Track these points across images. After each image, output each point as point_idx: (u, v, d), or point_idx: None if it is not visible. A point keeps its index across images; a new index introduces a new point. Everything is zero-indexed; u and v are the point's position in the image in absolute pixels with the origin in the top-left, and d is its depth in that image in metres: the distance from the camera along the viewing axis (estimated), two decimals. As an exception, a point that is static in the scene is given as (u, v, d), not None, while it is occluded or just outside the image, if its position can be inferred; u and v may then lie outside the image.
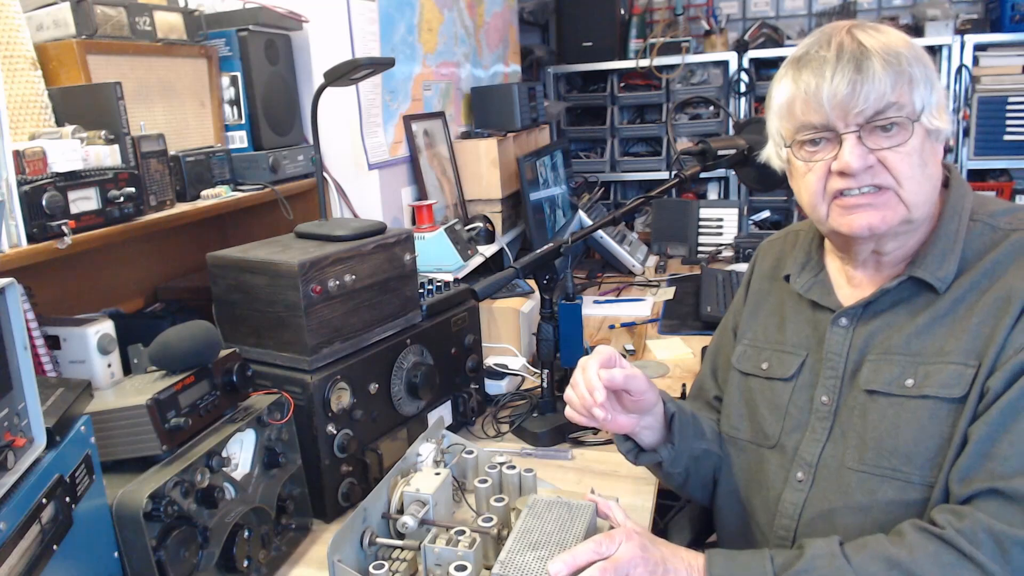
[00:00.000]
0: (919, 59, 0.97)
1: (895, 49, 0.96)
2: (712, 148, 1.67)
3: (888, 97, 0.95)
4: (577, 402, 1.06)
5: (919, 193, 0.98)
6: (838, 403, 1.05)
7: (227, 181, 1.59)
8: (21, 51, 1.26)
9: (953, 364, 0.95)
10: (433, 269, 2.00)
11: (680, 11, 3.67)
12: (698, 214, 3.10)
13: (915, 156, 0.96)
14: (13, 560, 0.72)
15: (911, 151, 0.96)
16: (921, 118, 0.96)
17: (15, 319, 0.75)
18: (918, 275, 1.00)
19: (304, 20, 1.84)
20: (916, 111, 0.96)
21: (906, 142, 0.96)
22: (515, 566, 0.93)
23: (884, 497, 0.97)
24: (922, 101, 0.96)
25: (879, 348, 1.02)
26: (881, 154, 0.96)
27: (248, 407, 1.16)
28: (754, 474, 1.14)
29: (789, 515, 1.06)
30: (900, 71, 0.95)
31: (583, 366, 1.06)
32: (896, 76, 0.95)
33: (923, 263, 1.00)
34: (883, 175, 0.97)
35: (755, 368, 1.17)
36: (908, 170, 0.96)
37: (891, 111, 0.95)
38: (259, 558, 1.10)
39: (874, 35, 0.97)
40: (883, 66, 0.94)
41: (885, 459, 0.98)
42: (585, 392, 1.04)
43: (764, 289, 1.24)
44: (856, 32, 0.98)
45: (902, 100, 0.95)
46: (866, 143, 0.97)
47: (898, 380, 0.99)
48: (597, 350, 1.08)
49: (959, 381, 0.94)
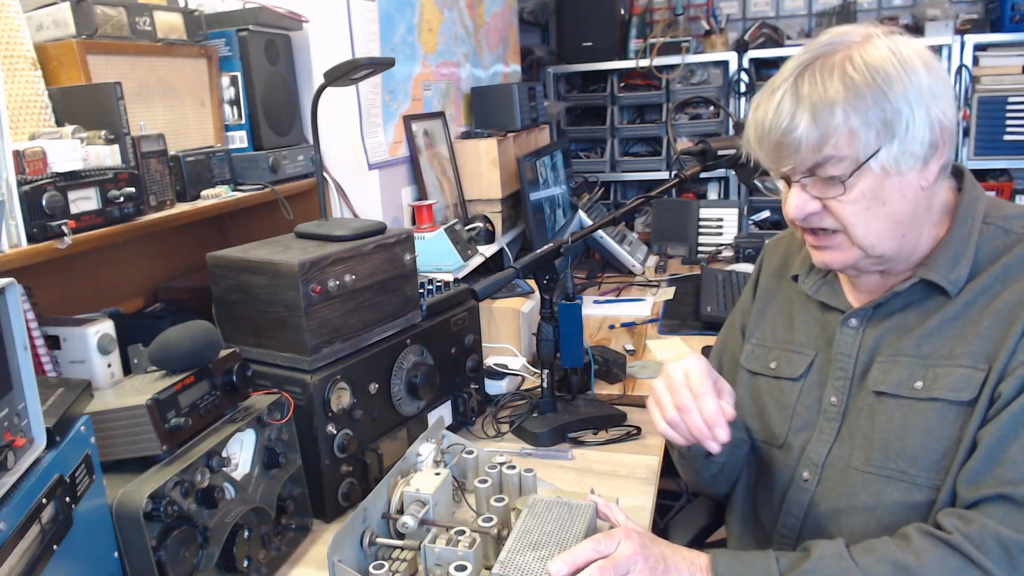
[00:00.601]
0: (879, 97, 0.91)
1: (831, 102, 0.91)
2: (712, 148, 1.67)
3: (817, 154, 0.93)
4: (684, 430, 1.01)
5: (870, 235, 0.97)
6: (847, 404, 1.05)
7: (227, 181, 1.59)
8: (21, 51, 1.26)
9: (963, 367, 0.95)
10: (433, 269, 2.00)
11: (680, 11, 3.67)
12: (698, 214, 3.10)
13: (862, 202, 0.95)
14: (13, 560, 0.72)
15: (856, 198, 0.95)
16: (870, 164, 0.93)
17: (15, 319, 0.75)
18: (929, 277, 1.00)
19: (304, 20, 1.84)
20: (860, 159, 0.93)
21: (850, 191, 0.95)
22: (515, 566, 0.93)
23: (889, 498, 0.97)
24: (872, 147, 0.92)
25: (889, 350, 1.02)
26: (826, 201, 0.97)
27: (248, 407, 1.16)
28: (761, 473, 1.14)
29: (794, 515, 1.06)
30: (831, 127, 0.92)
31: (695, 393, 1.00)
32: (824, 132, 0.92)
33: (935, 266, 1.00)
34: (829, 219, 0.98)
35: (763, 367, 1.17)
36: (853, 217, 0.96)
37: (828, 165, 0.94)
38: (259, 558, 1.10)
39: (820, 82, 0.93)
40: (811, 123, 0.92)
41: (892, 461, 0.97)
42: (702, 426, 0.99)
43: (772, 288, 1.24)
44: (803, 78, 0.94)
45: (839, 153, 0.93)
46: (808, 191, 0.97)
47: (907, 382, 0.98)
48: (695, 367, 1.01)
49: (968, 384, 0.94)
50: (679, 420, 1.01)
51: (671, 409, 1.02)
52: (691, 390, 1.01)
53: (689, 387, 1.01)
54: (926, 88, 0.92)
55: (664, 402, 1.03)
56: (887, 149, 0.92)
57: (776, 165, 0.99)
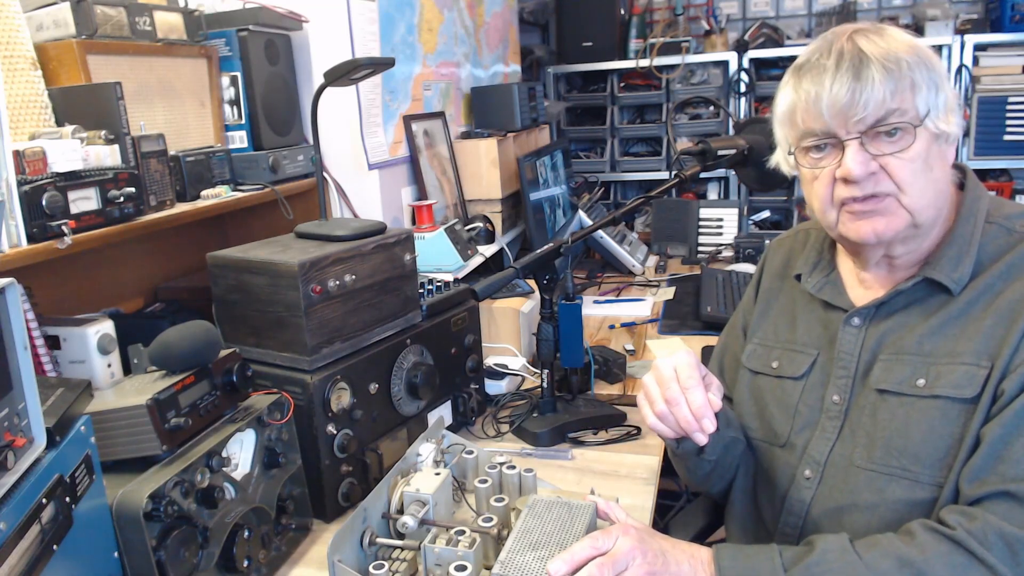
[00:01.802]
0: (924, 63, 0.96)
1: (896, 55, 0.95)
2: (712, 148, 1.67)
3: (888, 103, 0.95)
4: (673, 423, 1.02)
5: (922, 198, 0.98)
6: (849, 402, 1.05)
7: (227, 181, 1.59)
8: (21, 51, 1.26)
9: (965, 365, 0.95)
10: (433, 269, 2.00)
11: (680, 11, 3.67)
12: (698, 214, 3.10)
13: (919, 162, 0.96)
14: (13, 560, 0.72)
15: (914, 156, 0.96)
16: (925, 122, 0.96)
17: (15, 319, 0.75)
18: (933, 276, 1.00)
19: (304, 20, 1.84)
20: (919, 116, 0.95)
21: (909, 147, 0.96)
22: (515, 566, 0.93)
23: (892, 496, 0.97)
24: (926, 105, 0.96)
25: (891, 348, 1.02)
26: (884, 160, 0.97)
27: (248, 407, 1.16)
28: (763, 472, 1.15)
29: (796, 513, 1.07)
30: (900, 77, 0.94)
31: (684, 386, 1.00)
32: (896, 82, 0.94)
33: (938, 264, 1.00)
34: (885, 182, 0.97)
35: (765, 367, 1.17)
36: (910, 176, 0.96)
37: (892, 117, 0.95)
38: (259, 558, 1.10)
39: (876, 40, 0.96)
40: (882, 73, 0.94)
41: (894, 458, 0.98)
42: (690, 418, 1.00)
43: (774, 288, 1.24)
44: (857, 38, 0.97)
45: (904, 106, 0.95)
46: (868, 149, 0.97)
47: (909, 380, 0.99)
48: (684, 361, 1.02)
49: (971, 382, 0.94)
50: (667, 413, 1.02)
51: (660, 402, 1.03)
52: (680, 383, 1.01)
53: (678, 380, 1.01)
54: (942, 72, 0.98)
55: (653, 395, 1.04)
56: (935, 112, 0.96)
57: (833, 129, 0.98)
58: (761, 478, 1.15)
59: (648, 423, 1.05)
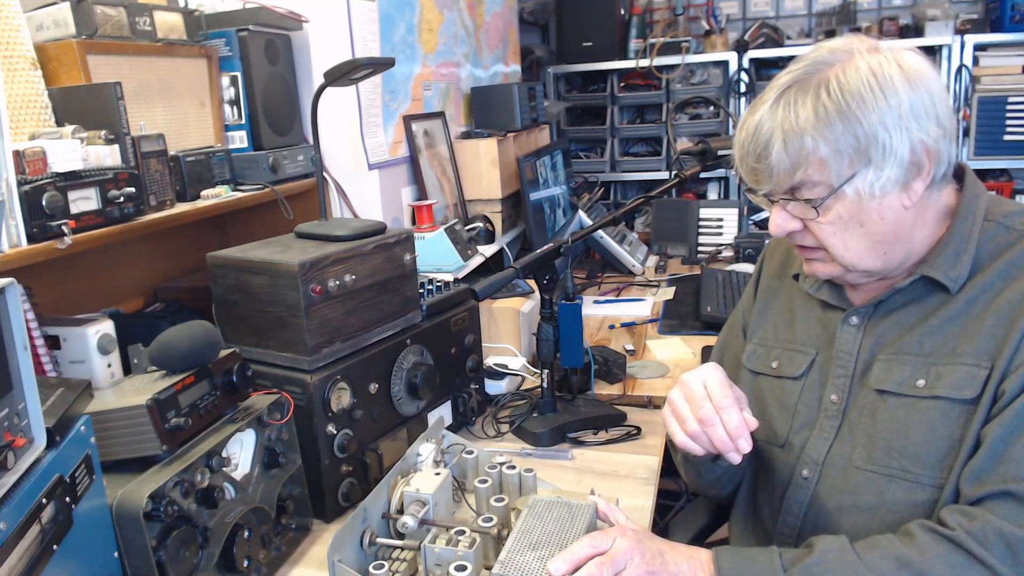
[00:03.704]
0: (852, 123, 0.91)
1: (801, 131, 0.93)
2: (712, 148, 1.67)
3: (794, 178, 0.96)
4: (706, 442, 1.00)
5: (850, 254, 0.99)
6: (847, 402, 1.05)
7: (227, 181, 1.59)
8: (21, 51, 1.26)
9: (965, 365, 0.95)
10: (433, 269, 2.00)
11: (680, 11, 3.67)
12: (698, 214, 3.10)
13: (838, 224, 0.98)
14: (13, 560, 0.72)
15: (832, 220, 0.98)
16: (845, 188, 0.94)
17: (15, 319, 0.75)
18: (930, 275, 1.00)
19: (304, 20, 1.84)
20: (834, 184, 0.95)
21: (827, 212, 0.97)
22: (515, 566, 0.93)
23: (892, 497, 0.97)
24: (846, 173, 0.94)
25: (890, 348, 1.02)
26: (805, 221, 1.00)
27: (248, 407, 1.16)
28: (762, 472, 1.15)
29: (794, 513, 1.06)
30: (802, 155, 0.94)
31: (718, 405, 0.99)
32: (796, 160, 0.94)
33: (936, 263, 1.00)
34: (809, 238, 1.02)
35: (765, 367, 1.18)
36: (830, 238, 0.99)
37: (803, 189, 0.97)
38: (259, 558, 1.10)
39: (792, 109, 0.94)
40: (783, 150, 0.94)
41: (894, 459, 0.98)
42: (725, 438, 0.98)
43: (773, 288, 1.24)
44: (777, 105, 0.95)
45: (812, 179, 0.95)
46: (789, 211, 1.00)
47: (909, 380, 0.99)
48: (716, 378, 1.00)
49: (971, 382, 0.94)
50: (700, 432, 1.00)
51: (692, 421, 1.00)
52: (713, 402, 0.99)
53: (710, 398, 1.00)
54: (906, 109, 0.92)
55: (684, 414, 1.02)
56: (862, 175, 0.94)
57: (755, 186, 1.01)
58: (761, 478, 1.15)
59: (677, 440, 1.03)
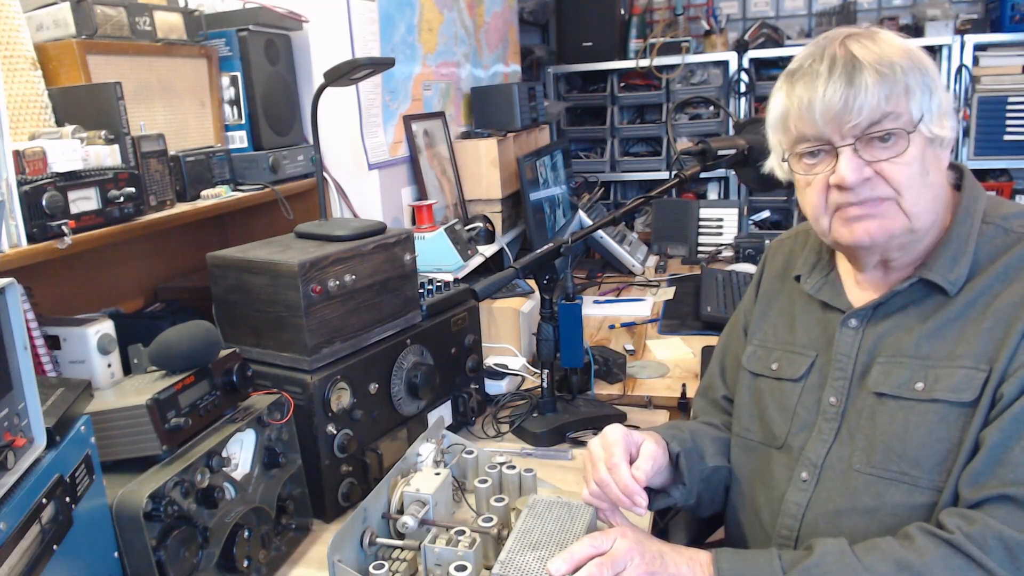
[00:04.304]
0: (918, 67, 0.96)
1: (889, 59, 0.94)
2: (712, 148, 1.67)
3: (882, 108, 0.94)
4: (607, 502, 1.06)
5: (919, 202, 0.97)
6: (846, 404, 1.05)
7: (227, 181, 1.59)
8: (21, 51, 1.26)
9: (964, 368, 0.95)
10: (433, 269, 2.00)
11: (680, 11, 3.67)
12: (698, 214, 3.10)
13: (914, 166, 0.95)
14: (13, 560, 0.72)
15: (910, 161, 0.95)
16: (919, 127, 0.95)
17: (15, 319, 0.75)
18: (928, 277, 1.00)
19: (304, 20, 1.84)
20: (914, 120, 0.95)
21: (904, 152, 0.95)
22: (515, 566, 0.93)
23: (891, 500, 0.97)
24: (920, 110, 0.95)
25: (889, 350, 1.02)
26: (879, 166, 0.96)
27: (248, 407, 1.16)
28: (761, 474, 1.15)
29: (792, 515, 1.06)
30: (894, 81, 0.94)
31: (610, 465, 1.05)
32: (890, 87, 0.94)
33: (934, 265, 1.00)
34: (882, 186, 0.97)
35: (765, 369, 1.17)
36: (907, 180, 0.96)
37: (886, 121, 0.94)
38: (259, 558, 1.10)
39: (869, 45, 0.96)
40: (876, 77, 0.94)
41: (893, 462, 0.97)
42: (621, 495, 1.03)
43: (775, 289, 1.23)
44: (850, 43, 0.97)
45: (898, 110, 0.94)
46: (862, 155, 0.96)
47: (908, 383, 0.98)
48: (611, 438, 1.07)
49: (969, 385, 0.94)
50: (600, 493, 1.06)
51: (592, 483, 1.07)
52: (607, 463, 1.05)
53: (607, 460, 1.06)
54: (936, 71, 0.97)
55: (587, 475, 1.09)
56: (929, 116, 0.96)
57: (824, 134, 0.97)
58: (759, 480, 1.15)
59: (584, 499, 1.09)
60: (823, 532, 1.01)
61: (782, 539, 1.07)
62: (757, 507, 1.15)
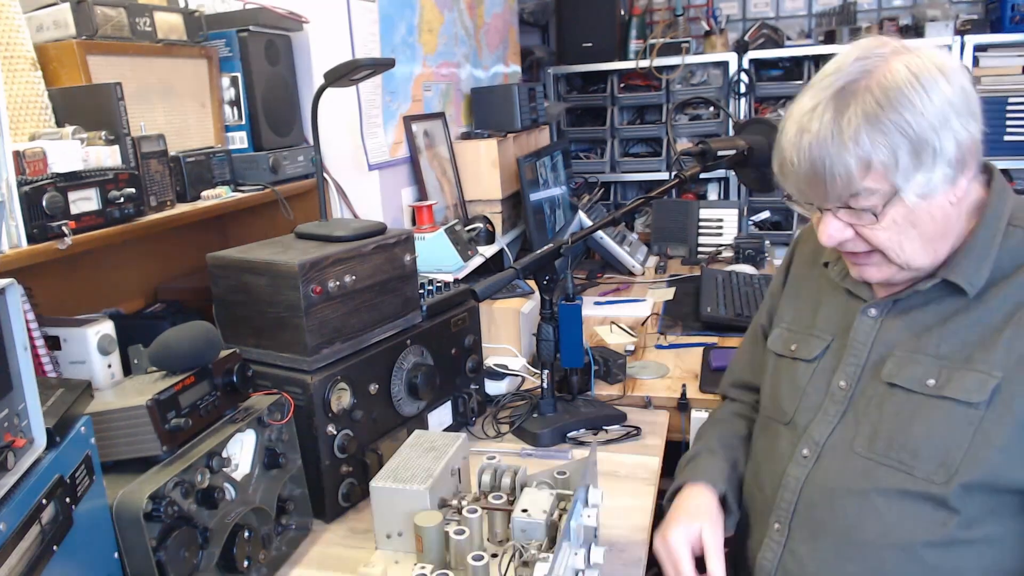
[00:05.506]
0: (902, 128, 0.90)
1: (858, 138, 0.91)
2: (712, 148, 1.67)
3: (852, 187, 0.94)
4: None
5: (906, 255, 0.99)
6: (855, 390, 1.07)
7: (227, 182, 1.59)
8: (21, 52, 1.26)
9: (977, 372, 0.96)
10: (433, 269, 2.00)
11: (680, 11, 3.67)
12: (698, 214, 3.10)
13: (893, 228, 0.97)
14: (13, 560, 0.72)
15: (887, 226, 0.97)
16: (903, 193, 0.93)
17: (15, 319, 0.75)
18: (951, 279, 1.01)
19: (304, 21, 1.84)
20: (892, 190, 0.94)
21: (882, 218, 0.96)
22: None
23: (884, 484, 1.00)
24: (903, 177, 0.92)
25: (907, 345, 1.04)
26: (857, 229, 0.99)
27: (248, 407, 1.16)
28: (768, 448, 1.18)
29: (791, 489, 1.09)
30: (861, 165, 0.92)
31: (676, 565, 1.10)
32: (855, 170, 0.92)
33: (958, 267, 1.01)
34: (863, 244, 1.00)
35: (785, 350, 1.21)
36: (887, 242, 0.98)
37: (860, 198, 0.95)
38: (259, 558, 1.10)
39: (845, 117, 0.92)
40: (839, 163, 0.92)
41: (893, 450, 1.00)
42: None
43: (804, 275, 1.26)
44: (828, 114, 0.93)
45: (871, 186, 0.94)
46: (841, 219, 0.99)
47: (921, 379, 1.00)
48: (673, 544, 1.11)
49: (980, 388, 0.95)
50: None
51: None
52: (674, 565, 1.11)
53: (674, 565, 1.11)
54: (948, 107, 0.92)
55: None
56: (916, 178, 0.93)
57: (806, 197, 1.00)
58: (765, 454, 1.18)
59: None
60: (819, 507, 1.05)
61: (781, 512, 1.10)
62: (760, 479, 1.18)
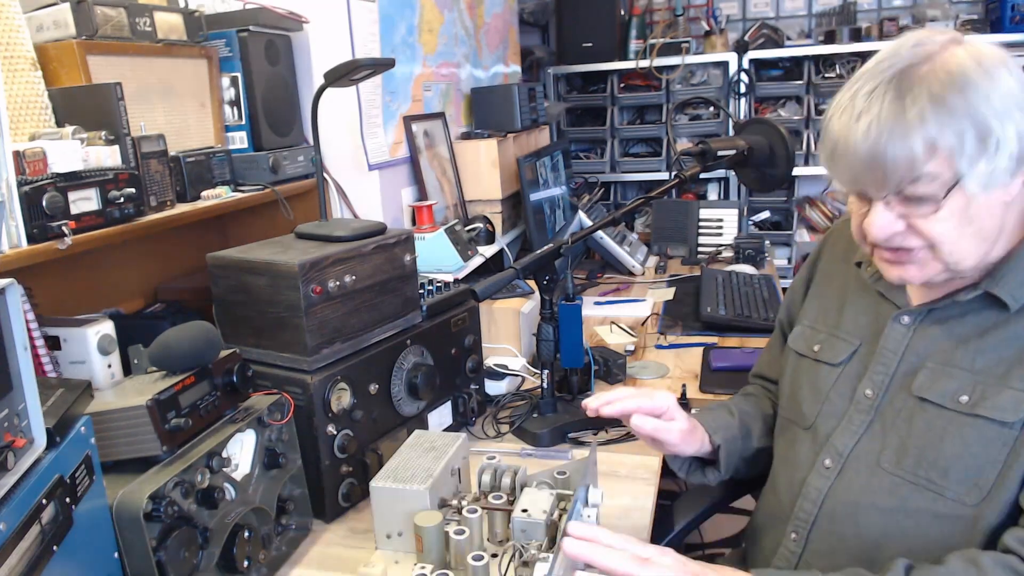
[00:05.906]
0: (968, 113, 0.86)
1: (923, 120, 0.86)
2: (712, 148, 1.67)
3: (915, 171, 0.88)
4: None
5: (958, 252, 0.92)
6: (882, 400, 1.03)
7: (227, 182, 1.59)
8: (21, 52, 1.26)
9: (1013, 390, 0.92)
10: (433, 269, 2.00)
11: (680, 11, 3.67)
12: (698, 214, 3.10)
13: (952, 220, 0.90)
14: (13, 560, 0.72)
15: (946, 216, 0.90)
16: (964, 182, 0.88)
17: (15, 319, 0.75)
18: (994, 291, 0.95)
19: (304, 21, 1.84)
20: (955, 177, 0.88)
21: (939, 209, 0.89)
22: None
23: (913, 504, 0.96)
24: (970, 163, 0.87)
25: (939, 358, 0.99)
26: (911, 220, 0.92)
27: (248, 407, 1.16)
28: (785, 453, 1.14)
29: (812, 500, 1.05)
30: (926, 146, 0.86)
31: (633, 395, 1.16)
32: (921, 152, 0.86)
33: (1003, 280, 0.95)
34: (914, 238, 0.93)
35: (807, 349, 1.16)
36: (941, 236, 0.91)
37: (920, 183, 0.88)
38: (259, 558, 1.10)
39: (908, 100, 0.87)
40: (905, 142, 0.87)
41: (923, 468, 0.96)
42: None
43: (833, 272, 1.20)
44: (888, 96, 0.88)
45: (934, 171, 0.87)
46: (894, 209, 0.92)
47: (953, 395, 0.95)
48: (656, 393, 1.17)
49: (1015, 407, 0.91)
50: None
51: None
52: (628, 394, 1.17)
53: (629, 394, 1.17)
54: (1011, 94, 0.88)
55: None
56: (979, 166, 0.87)
57: (859, 185, 0.94)
58: (782, 459, 1.15)
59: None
60: (841, 521, 1.01)
61: (799, 522, 1.06)
62: (777, 485, 1.14)
